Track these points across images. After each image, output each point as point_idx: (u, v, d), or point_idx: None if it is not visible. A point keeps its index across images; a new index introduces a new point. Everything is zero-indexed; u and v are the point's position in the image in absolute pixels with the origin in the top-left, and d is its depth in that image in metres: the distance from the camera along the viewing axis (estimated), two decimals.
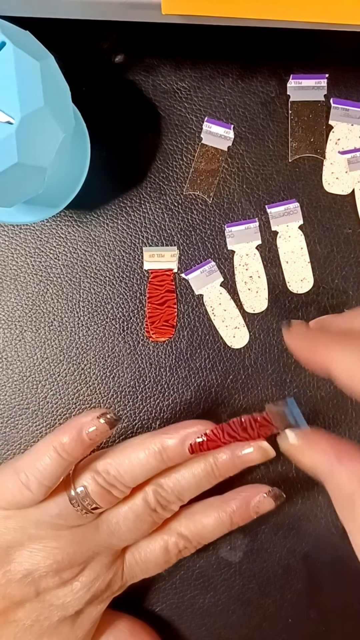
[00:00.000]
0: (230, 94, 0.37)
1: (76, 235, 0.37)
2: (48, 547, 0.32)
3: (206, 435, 0.30)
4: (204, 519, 0.34)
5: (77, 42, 0.37)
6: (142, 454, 0.31)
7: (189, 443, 0.31)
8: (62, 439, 0.30)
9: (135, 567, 0.34)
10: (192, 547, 0.34)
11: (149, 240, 0.37)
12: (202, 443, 0.30)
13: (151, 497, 0.32)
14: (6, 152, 0.26)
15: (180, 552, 0.34)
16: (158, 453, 0.31)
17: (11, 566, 0.32)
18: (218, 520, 0.33)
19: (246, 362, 0.37)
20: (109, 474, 0.31)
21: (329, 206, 0.37)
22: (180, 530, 0.34)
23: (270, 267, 0.37)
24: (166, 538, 0.34)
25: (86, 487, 0.31)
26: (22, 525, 0.32)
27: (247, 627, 0.38)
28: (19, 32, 0.27)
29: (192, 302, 0.37)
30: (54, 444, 0.30)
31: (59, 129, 0.28)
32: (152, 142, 0.37)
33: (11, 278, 0.37)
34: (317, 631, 0.38)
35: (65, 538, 0.32)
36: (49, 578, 0.32)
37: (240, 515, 0.34)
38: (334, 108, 0.37)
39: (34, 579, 0.32)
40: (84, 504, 0.31)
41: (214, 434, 0.30)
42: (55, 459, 0.30)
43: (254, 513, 0.34)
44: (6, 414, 0.37)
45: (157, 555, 0.34)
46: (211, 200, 0.37)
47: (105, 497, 0.31)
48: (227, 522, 0.34)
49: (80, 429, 0.30)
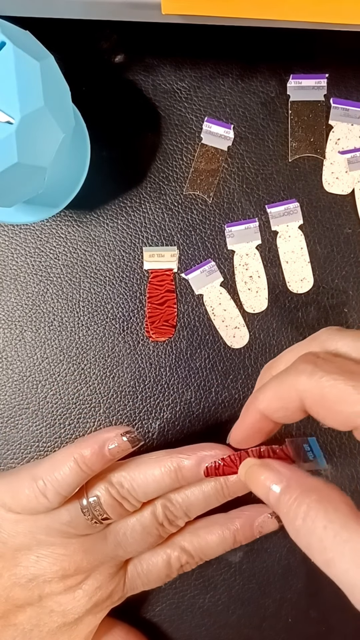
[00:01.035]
0: (230, 94, 0.37)
1: (76, 235, 0.37)
2: (55, 554, 0.32)
3: (223, 460, 0.30)
4: (208, 535, 0.34)
5: (77, 42, 0.37)
6: (157, 470, 0.31)
7: (205, 465, 0.31)
8: (83, 452, 0.30)
9: (137, 579, 0.34)
10: (194, 562, 0.35)
11: (149, 240, 0.37)
12: (218, 467, 0.30)
13: (159, 511, 0.33)
14: (6, 152, 0.26)
15: (182, 567, 0.34)
16: (173, 472, 0.31)
17: (17, 570, 0.32)
18: (221, 537, 0.34)
19: (246, 362, 0.37)
20: (122, 486, 0.32)
21: (329, 206, 0.37)
22: (183, 545, 0.34)
23: (270, 267, 0.37)
24: (169, 552, 0.34)
25: (99, 497, 0.31)
26: (32, 530, 0.32)
27: (247, 627, 0.38)
28: (19, 32, 0.27)
29: (192, 302, 0.37)
30: (75, 455, 0.30)
31: (59, 129, 0.28)
32: (152, 142, 0.37)
33: (11, 278, 0.37)
34: (317, 631, 0.38)
35: (74, 546, 0.32)
36: (54, 584, 0.32)
37: (244, 534, 0.34)
38: (334, 108, 0.37)
39: (38, 583, 0.32)
40: (95, 514, 0.31)
41: (230, 460, 0.30)
42: (74, 470, 0.30)
43: (257, 533, 0.34)
44: (6, 414, 0.37)
45: (159, 569, 0.34)
46: (211, 200, 0.37)
47: (116, 509, 0.32)
48: (230, 540, 0.34)
49: (102, 444, 0.30)
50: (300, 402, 0.24)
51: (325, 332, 0.26)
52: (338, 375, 0.23)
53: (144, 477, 0.31)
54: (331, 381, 0.23)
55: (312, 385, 0.23)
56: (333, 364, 0.24)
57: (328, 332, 0.26)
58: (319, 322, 0.37)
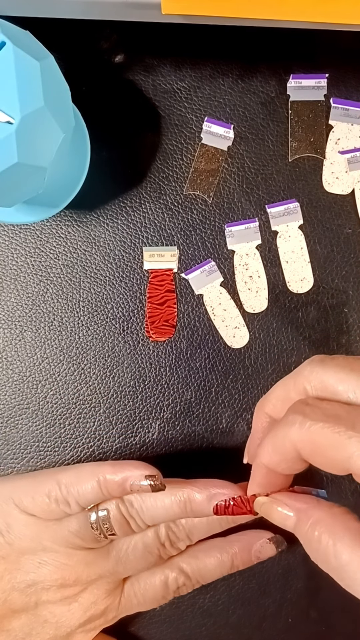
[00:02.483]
0: (230, 94, 0.37)
1: (76, 235, 0.37)
2: (58, 562, 0.32)
3: (234, 500, 0.30)
4: (206, 558, 0.34)
5: (77, 42, 0.37)
6: (167, 499, 0.32)
7: (215, 503, 0.31)
8: (107, 476, 0.31)
9: (133, 598, 0.34)
10: (191, 585, 0.35)
11: (149, 240, 0.37)
12: (228, 507, 0.30)
13: (162, 532, 0.33)
14: (6, 152, 0.26)
15: (179, 589, 0.35)
16: (183, 503, 0.31)
17: (18, 574, 0.32)
18: (219, 560, 0.34)
19: (246, 362, 0.37)
20: (132, 505, 0.32)
21: (329, 206, 0.37)
22: (182, 566, 0.34)
23: (270, 267, 0.37)
24: (167, 572, 0.34)
25: (108, 512, 0.32)
26: (39, 535, 0.32)
27: (247, 627, 0.38)
28: (19, 32, 0.27)
29: (192, 302, 0.37)
30: (99, 477, 0.31)
31: (59, 129, 0.28)
32: (152, 142, 0.37)
33: (11, 278, 0.37)
34: (317, 631, 0.38)
35: (77, 557, 0.32)
36: (51, 592, 0.32)
37: (242, 559, 0.35)
38: (334, 108, 0.37)
39: (36, 590, 0.32)
40: (103, 528, 0.32)
41: (241, 501, 0.30)
42: (95, 489, 0.31)
43: (255, 558, 0.35)
44: (6, 414, 0.37)
45: (156, 589, 0.34)
46: (211, 200, 0.37)
47: (123, 527, 0.32)
48: (228, 563, 0.34)
49: (127, 478, 0.31)
50: (297, 453, 0.25)
51: (308, 365, 0.26)
52: (325, 422, 0.23)
53: (154, 501, 0.32)
54: (319, 429, 0.23)
55: (303, 435, 0.24)
56: (320, 410, 0.24)
57: (311, 366, 0.26)
58: (319, 322, 0.38)
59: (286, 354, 0.37)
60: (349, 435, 0.22)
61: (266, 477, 0.27)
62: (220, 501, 0.31)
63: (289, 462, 0.25)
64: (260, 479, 0.27)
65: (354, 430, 0.22)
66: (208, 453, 0.37)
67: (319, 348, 0.37)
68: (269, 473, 0.27)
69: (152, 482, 0.30)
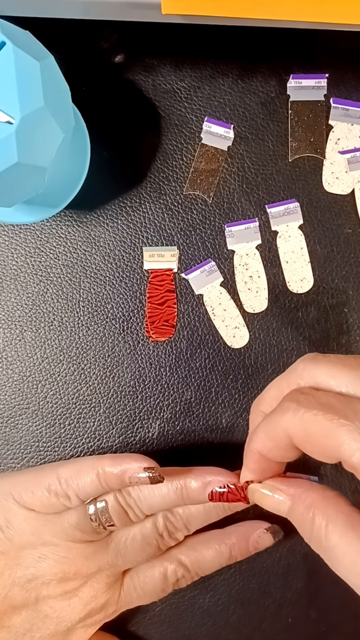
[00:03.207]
0: (230, 94, 0.37)
1: (76, 235, 0.37)
2: (58, 555, 0.32)
3: (229, 487, 0.31)
4: (205, 549, 0.35)
5: (77, 42, 0.37)
6: (164, 487, 0.32)
7: (210, 490, 0.31)
8: (106, 469, 0.31)
9: (132, 591, 0.34)
10: (190, 577, 0.35)
11: (149, 240, 0.37)
12: (223, 494, 0.31)
13: (160, 522, 0.33)
14: (6, 152, 0.26)
15: (178, 582, 0.35)
16: (179, 490, 0.32)
17: (18, 569, 0.32)
18: (217, 552, 0.34)
19: (246, 362, 0.37)
20: (130, 495, 0.32)
21: (329, 206, 0.37)
22: (180, 558, 0.34)
23: (270, 267, 0.37)
24: (166, 565, 0.34)
25: (107, 503, 0.32)
26: (39, 530, 0.32)
27: (247, 627, 0.38)
28: (19, 32, 0.27)
29: (192, 302, 0.37)
30: (98, 470, 0.31)
31: (59, 129, 0.28)
32: (152, 142, 0.37)
33: (11, 278, 0.37)
34: (317, 631, 0.38)
35: (77, 550, 0.32)
36: (52, 587, 0.32)
37: (240, 550, 0.35)
38: (334, 108, 0.37)
39: (37, 585, 0.32)
40: (102, 519, 0.32)
41: (236, 489, 0.30)
42: (94, 482, 0.31)
43: (252, 548, 0.35)
44: (6, 414, 0.37)
45: (155, 582, 0.34)
46: (211, 200, 0.37)
47: (122, 517, 0.32)
48: (227, 554, 0.35)
49: (125, 470, 0.31)
50: (290, 439, 0.25)
51: (300, 363, 0.26)
52: (317, 410, 0.23)
53: (151, 490, 0.32)
54: (312, 417, 0.23)
55: (296, 422, 0.24)
56: (314, 399, 0.24)
57: (303, 363, 0.26)
58: (319, 322, 0.38)
59: (286, 354, 0.37)
60: (340, 423, 0.22)
61: (258, 463, 0.27)
62: (216, 488, 0.31)
63: (281, 449, 0.26)
64: (252, 465, 0.28)
65: (346, 419, 0.23)
66: (208, 453, 0.37)
67: (319, 348, 0.37)
68: (261, 459, 0.27)
69: (151, 474, 0.31)
